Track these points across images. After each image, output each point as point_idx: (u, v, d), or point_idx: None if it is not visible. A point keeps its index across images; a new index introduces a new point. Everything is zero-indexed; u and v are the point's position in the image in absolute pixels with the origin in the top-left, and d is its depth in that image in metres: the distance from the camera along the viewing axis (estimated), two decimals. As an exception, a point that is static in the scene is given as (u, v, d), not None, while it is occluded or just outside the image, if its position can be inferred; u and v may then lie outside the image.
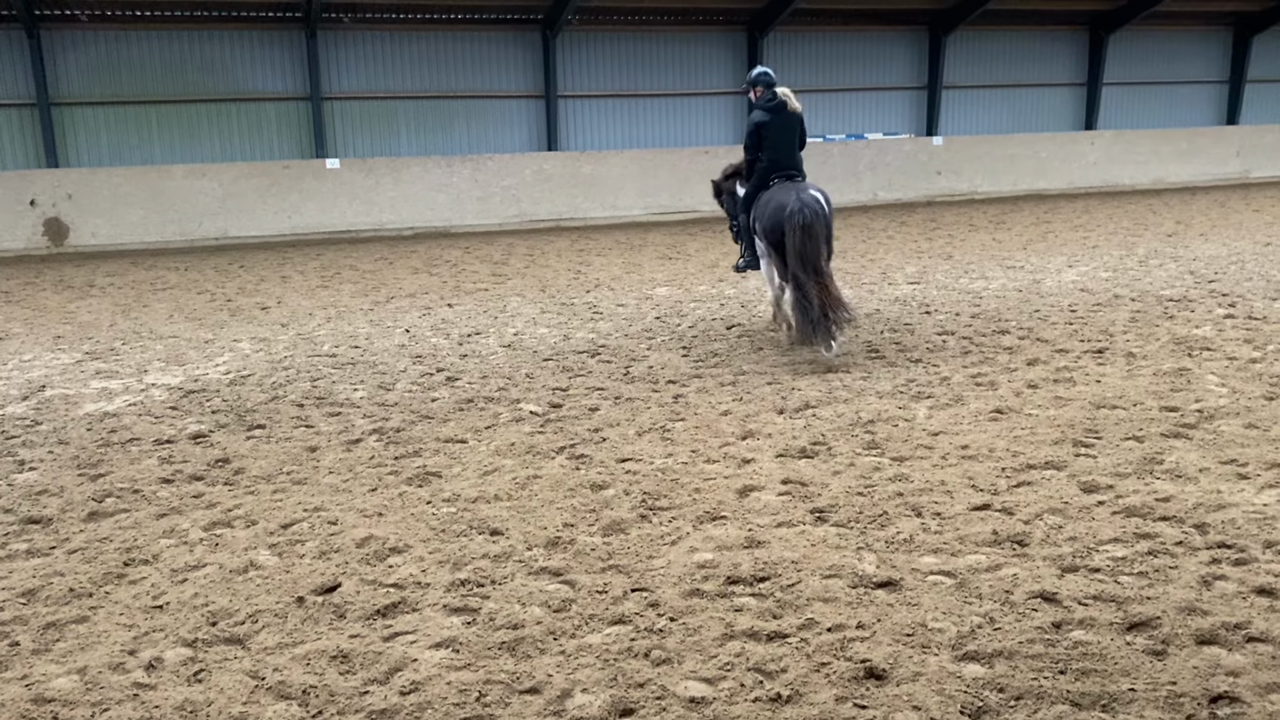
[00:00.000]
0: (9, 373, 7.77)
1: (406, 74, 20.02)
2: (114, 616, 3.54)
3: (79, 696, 3.01)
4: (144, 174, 17.87)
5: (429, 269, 13.57)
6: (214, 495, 4.82)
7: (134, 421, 6.23)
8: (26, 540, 4.31)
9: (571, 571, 3.79)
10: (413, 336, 8.80)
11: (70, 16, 17.35)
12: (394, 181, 19.03)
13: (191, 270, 13.96)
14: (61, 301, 11.42)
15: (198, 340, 8.87)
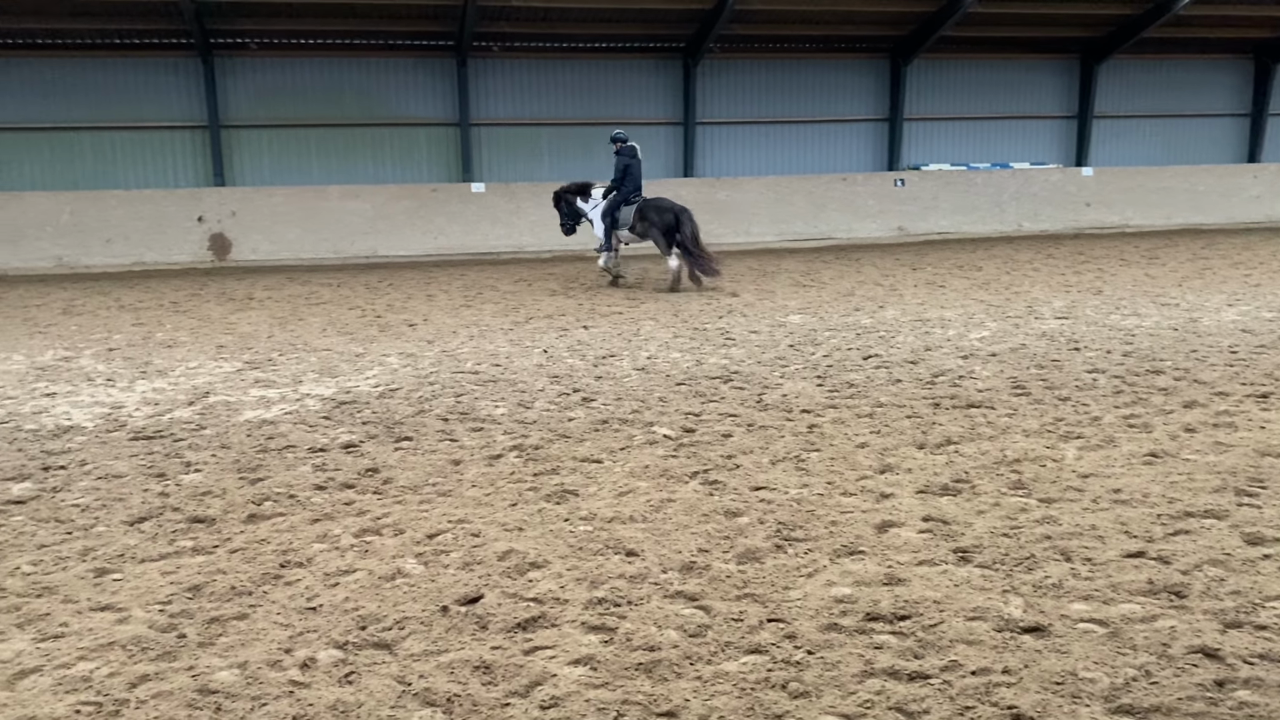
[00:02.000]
0: (177, 378, 8.27)
1: (550, 101, 20.51)
2: (271, 615, 3.72)
3: (240, 690, 3.17)
4: (301, 194, 18.81)
5: (565, 291, 13.83)
6: (364, 503, 5.02)
7: (290, 429, 6.54)
8: (192, 538, 4.58)
9: (707, 597, 3.79)
10: (550, 357, 8.98)
11: (241, 45, 18.44)
12: (535, 205, 19.47)
13: (343, 286, 14.60)
14: (224, 313, 12.11)
15: (349, 354, 9.26)
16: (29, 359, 9.26)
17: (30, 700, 3.13)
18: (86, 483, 5.45)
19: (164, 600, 3.86)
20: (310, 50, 18.91)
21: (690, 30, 20.19)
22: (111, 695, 3.14)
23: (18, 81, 18.05)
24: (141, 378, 8.31)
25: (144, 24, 17.62)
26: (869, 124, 22.35)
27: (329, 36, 18.72)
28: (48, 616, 3.75)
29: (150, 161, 18.78)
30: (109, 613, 3.76)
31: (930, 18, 20.19)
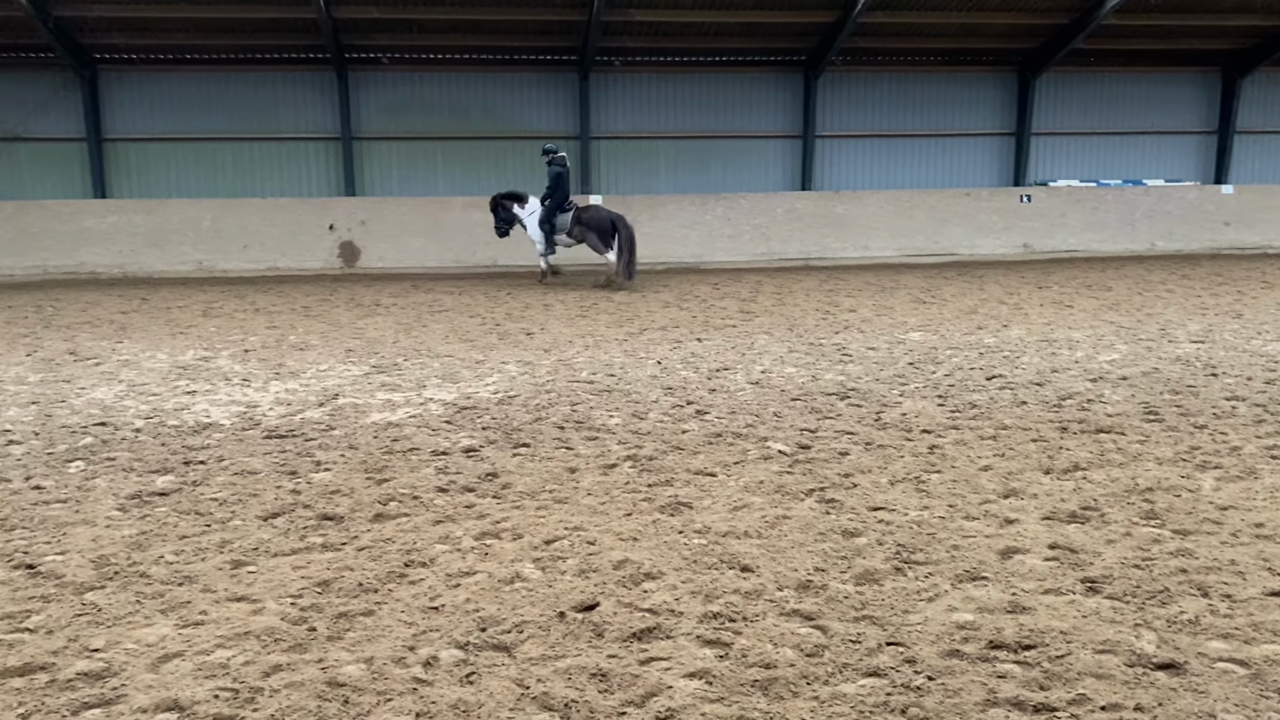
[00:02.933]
0: (308, 380, 8.61)
1: (668, 114, 20.64)
2: (396, 613, 3.83)
3: (366, 684, 3.28)
4: (426, 205, 19.37)
5: (679, 303, 13.87)
6: (484, 507, 5.14)
7: (414, 432, 6.74)
8: (322, 535, 4.75)
9: (824, 617, 3.75)
10: (664, 368, 9.02)
11: (374, 60, 19.13)
12: (650, 218, 19.61)
13: (464, 295, 14.96)
14: (352, 318, 12.54)
15: (470, 360, 9.49)
16: (171, 358, 9.77)
17: (173, 683, 3.29)
18: (224, 478, 5.72)
19: (295, 594, 4.02)
20: (439, 65, 19.49)
21: (811, 43, 20.07)
22: (247, 683, 3.29)
23: (167, 94, 19.10)
24: (275, 379, 8.68)
25: (284, 40, 18.43)
26: (994, 138, 21.82)
27: (457, 52, 19.26)
28: (189, 604, 3.94)
29: (286, 171, 19.61)
30: (244, 603, 3.94)
31: (1062, 30, 19.62)
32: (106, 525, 4.91)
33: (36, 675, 3.37)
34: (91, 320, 12.49)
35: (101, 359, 9.72)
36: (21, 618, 3.83)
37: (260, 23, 17.78)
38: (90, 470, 5.90)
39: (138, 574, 4.26)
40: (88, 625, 3.76)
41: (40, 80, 18.68)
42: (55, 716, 3.11)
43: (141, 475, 5.77)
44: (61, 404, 7.72)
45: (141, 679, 3.32)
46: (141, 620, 3.79)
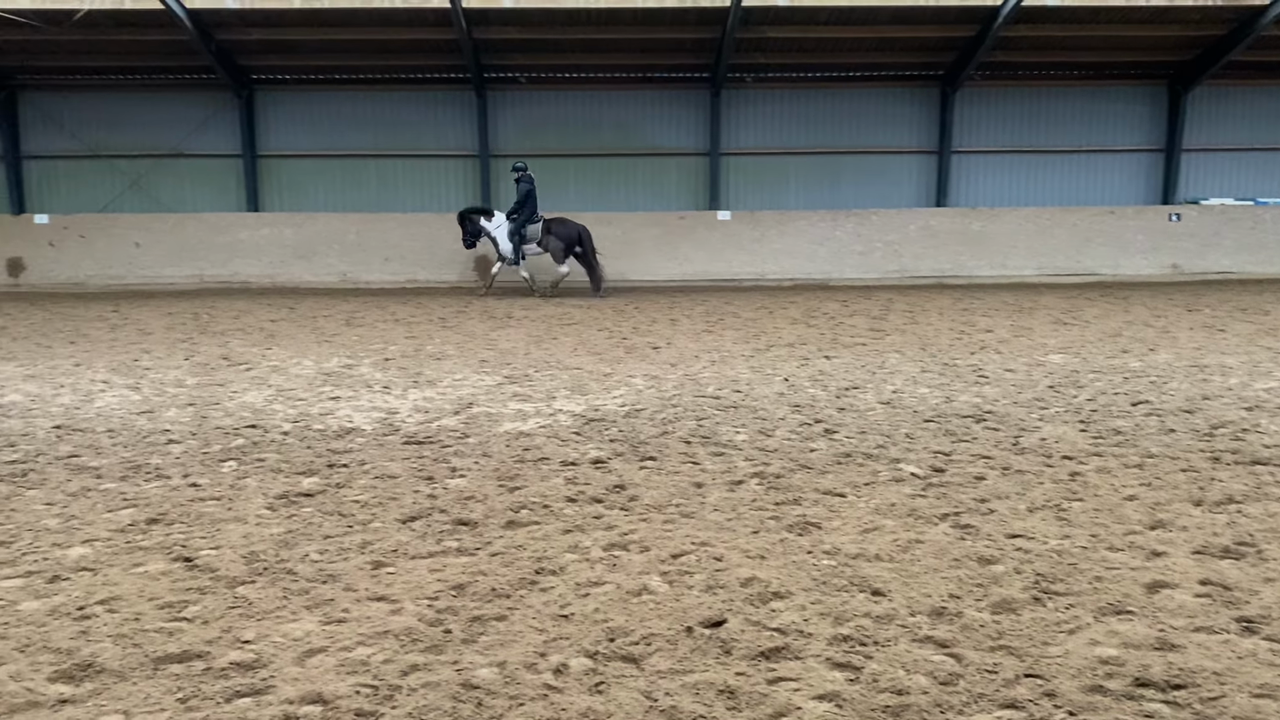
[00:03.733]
0: (444, 389, 8.87)
1: (800, 130, 20.52)
2: (527, 619, 3.91)
3: (499, 688, 3.35)
4: (556, 219, 19.72)
5: (807, 320, 13.75)
6: (612, 518, 5.19)
7: (544, 442, 6.87)
8: (457, 539, 4.89)
9: (959, 645, 3.66)
10: (791, 385, 8.95)
11: (511, 79, 19.63)
12: (779, 234, 19.52)
13: (592, 309, 15.17)
14: (485, 330, 12.87)
15: (598, 373, 9.61)
16: (317, 365, 10.21)
17: (317, 677, 3.44)
18: (365, 481, 5.94)
19: (432, 596, 4.14)
20: (573, 84, 19.87)
21: (949, 58, 19.67)
22: (386, 680, 3.40)
23: (317, 113, 20.01)
24: (413, 387, 8.97)
25: (427, 61, 19.11)
26: (1140, 154, 20.93)
27: (591, 71, 19.60)
28: (332, 602, 4.11)
29: (425, 187, 20.30)
30: (384, 603, 4.08)
31: (1218, 42, 18.71)
32: (256, 523, 5.16)
33: (193, 663, 3.57)
34: (243, 327, 13.16)
35: (252, 364, 10.24)
36: (180, 608, 4.06)
37: (405, 44, 18.48)
38: (242, 470, 6.22)
39: (285, 570, 4.46)
40: (239, 618, 3.95)
41: (201, 100, 19.84)
42: (210, 703, 3.28)
43: (289, 476, 6.05)
44: (216, 406, 8.16)
45: (289, 671, 3.48)
46: (289, 615, 3.97)
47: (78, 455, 6.58)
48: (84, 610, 4.04)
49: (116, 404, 8.27)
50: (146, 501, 5.55)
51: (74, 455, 6.59)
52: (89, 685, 3.41)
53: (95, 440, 7.01)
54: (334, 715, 3.19)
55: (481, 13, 17.42)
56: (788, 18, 17.95)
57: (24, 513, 5.36)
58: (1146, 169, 20.93)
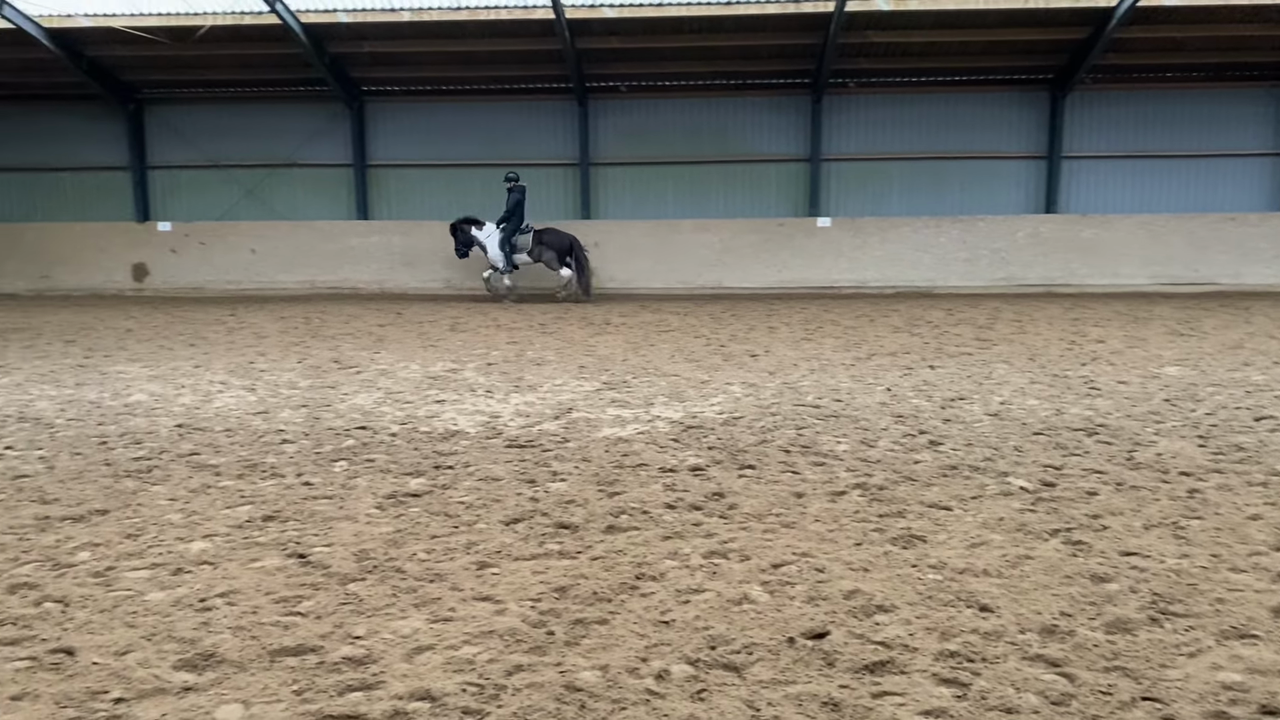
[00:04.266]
0: (545, 394, 8.99)
1: (903, 135, 20.21)
2: (629, 624, 3.93)
3: (601, 691, 3.38)
4: (656, 227, 19.82)
5: (910, 328, 13.52)
6: (711, 526, 5.19)
7: (642, 448, 6.90)
8: (558, 542, 4.94)
9: (1071, 665, 3.55)
10: (894, 395, 8.81)
11: (613, 88, 19.80)
12: (880, 240, 19.25)
13: (690, 316, 15.19)
14: (584, 336, 13.00)
15: (695, 380, 9.62)
16: (423, 368, 10.45)
17: (425, 674, 3.52)
18: (469, 483, 6.06)
19: (535, 597, 4.20)
20: (673, 92, 19.94)
21: (1059, 61, 19.14)
22: (491, 680, 3.46)
23: (424, 124, 20.50)
24: (515, 391, 9.12)
25: (530, 71, 19.41)
26: (1265, 159, 19.99)
27: (691, 79, 19.64)
28: (439, 601, 4.20)
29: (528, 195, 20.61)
30: (489, 603, 4.15)
31: (1351, 37, 17.78)
32: (366, 522, 5.31)
33: (307, 656, 3.69)
34: (353, 332, 13.55)
35: (362, 368, 10.53)
36: (295, 602, 4.20)
37: (509, 55, 18.81)
38: (352, 470, 6.40)
39: (394, 569, 4.58)
40: (350, 614, 4.07)
41: (315, 112, 20.51)
42: (324, 695, 3.38)
43: (397, 477, 6.21)
44: (327, 408, 8.42)
45: (398, 668, 3.57)
46: (397, 613, 4.07)
47: (198, 453, 6.87)
48: (205, 602, 4.21)
49: (234, 404, 8.61)
50: (263, 499, 5.76)
51: (195, 453, 6.88)
52: (210, 674, 3.55)
53: (214, 439, 7.30)
54: (441, 712, 3.26)
55: (585, 23, 17.62)
56: (892, 22, 17.70)
57: (150, 507, 5.62)
58: (1271, 174, 19.99)
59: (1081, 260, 19.55)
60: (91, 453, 6.92)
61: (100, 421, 7.93)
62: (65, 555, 4.83)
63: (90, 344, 12.57)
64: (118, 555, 4.82)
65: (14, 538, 5.10)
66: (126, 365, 10.85)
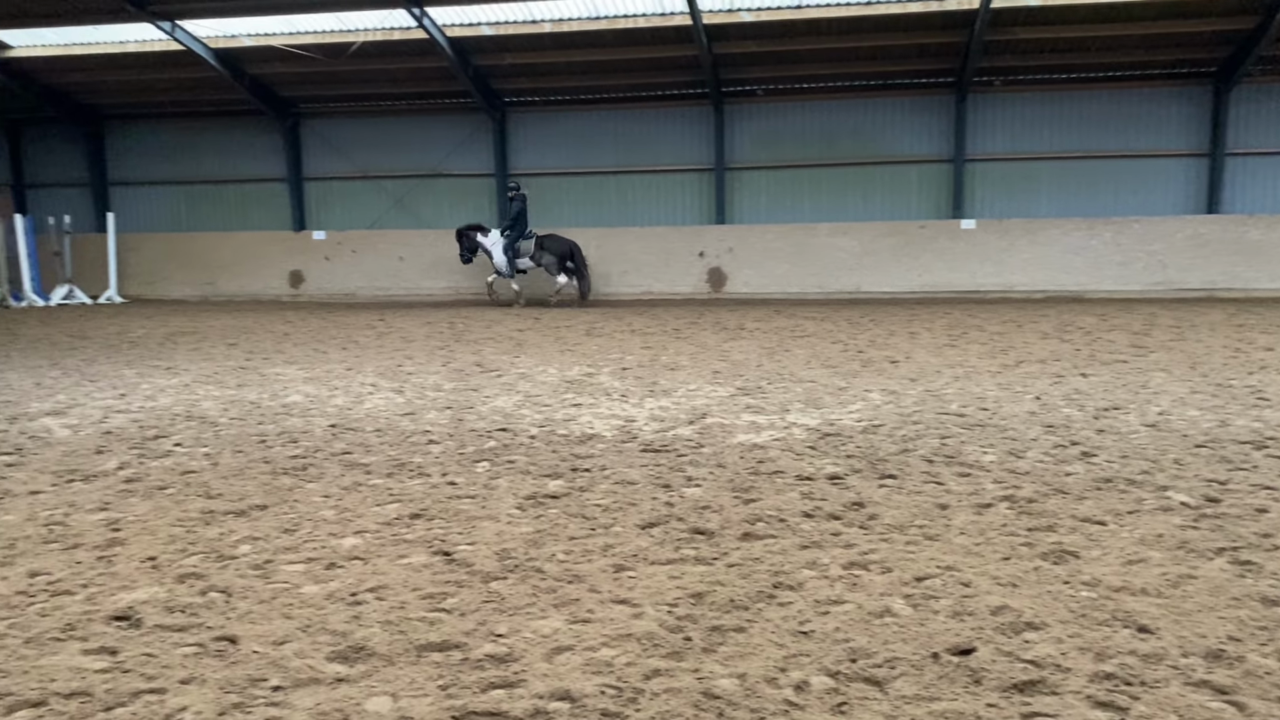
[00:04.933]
0: (679, 398, 9.01)
1: (1051, 134, 19.47)
2: (766, 633, 3.89)
3: (739, 700, 3.35)
4: (792, 231, 19.64)
5: (1060, 334, 12.99)
6: (850, 536, 5.09)
7: (778, 455, 6.83)
8: (694, 548, 4.94)
9: (1240, 692, 3.33)
10: (1043, 404, 8.47)
11: (748, 92, 19.74)
12: (1028, 243, 18.57)
13: (827, 320, 14.97)
14: (718, 340, 12.98)
15: (832, 387, 9.47)
16: (560, 372, 10.63)
17: (565, 675, 3.56)
18: (605, 486, 6.12)
19: (671, 602, 4.21)
20: (810, 95, 19.74)
21: (1223, 53, 18.08)
22: (630, 683, 3.48)
23: (563, 132, 20.88)
24: (649, 396, 9.17)
25: (666, 78, 19.53)
26: None
27: (829, 80, 19.40)
28: (577, 602, 4.25)
29: (662, 201, 20.74)
30: (626, 606, 4.18)
31: None
32: (508, 521, 5.43)
33: (452, 653, 3.79)
34: (494, 336, 13.89)
35: (502, 371, 10.78)
36: (440, 599, 4.32)
37: (646, 63, 18.98)
38: (494, 470, 6.56)
39: (534, 569, 4.66)
40: (493, 612, 4.16)
41: (459, 123, 21.15)
42: (467, 692, 3.46)
43: (536, 478, 6.32)
44: (470, 410, 8.65)
45: (538, 667, 3.62)
46: (538, 612, 4.14)
47: (350, 452, 7.16)
48: (356, 596, 4.38)
49: (383, 405, 8.94)
50: (410, 497, 5.95)
51: (347, 452, 7.16)
52: (361, 667, 3.69)
53: (365, 439, 7.59)
54: (581, 713, 3.29)
55: (721, 28, 17.62)
56: (1041, 18, 17.06)
57: (305, 504, 5.88)
58: None
59: (1246, 263, 18.40)
60: (252, 450, 7.29)
61: (260, 421, 8.36)
62: (228, 548, 5.10)
63: (250, 347, 13.26)
64: (276, 549, 5.06)
65: (182, 530, 5.42)
66: (284, 367, 11.40)
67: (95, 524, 5.54)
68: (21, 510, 5.84)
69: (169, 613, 4.23)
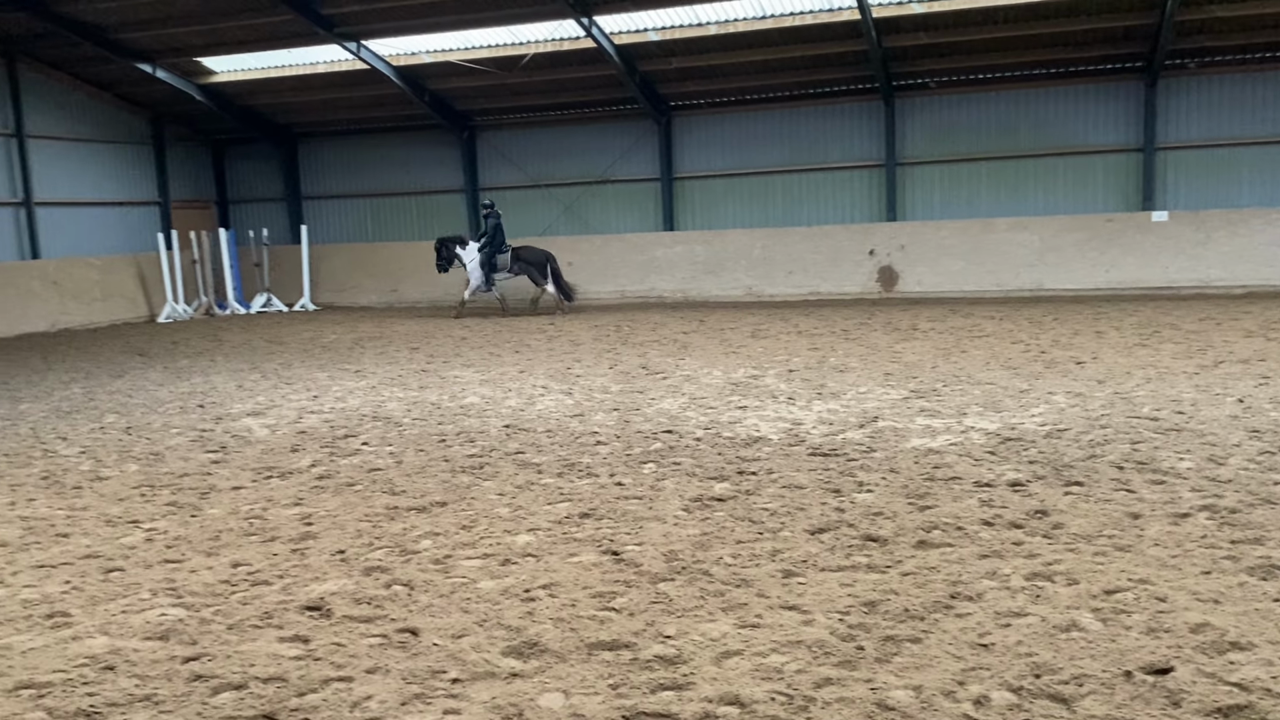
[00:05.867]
0: (848, 401, 8.83)
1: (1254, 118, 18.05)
2: (943, 644, 3.76)
3: (914, 712, 3.25)
4: (967, 227, 18.95)
5: (1265, 332, 12.04)
6: (1033, 546, 4.86)
7: (955, 461, 6.60)
8: (866, 555, 4.83)
9: None
10: (1247, 408, 7.87)
11: (920, 85, 19.18)
12: (1228, 235, 17.32)
13: (1006, 320, 14.37)
14: (890, 342, 12.65)
15: (1013, 389, 9.08)
16: (725, 375, 10.60)
17: (734, 679, 3.54)
18: (773, 490, 6.06)
19: (843, 610, 4.12)
20: (986, 85, 18.99)
21: None
22: (800, 691, 3.43)
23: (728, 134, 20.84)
24: (817, 398, 9.03)
25: (834, 74, 19.20)
26: None
27: (1005, 70, 18.63)
28: (745, 606, 4.22)
29: (829, 200, 20.38)
30: (795, 613, 4.12)
31: None
32: (674, 523, 5.45)
33: (621, 652, 3.83)
34: (659, 339, 14.00)
35: (667, 374, 10.85)
36: (609, 598, 4.38)
37: (813, 60, 18.70)
38: (660, 472, 6.60)
39: (701, 571, 4.66)
40: (661, 613, 4.18)
41: (625, 129, 21.43)
42: (637, 691, 3.49)
43: (702, 481, 6.33)
44: (636, 412, 8.74)
45: (707, 671, 3.62)
46: (706, 615, 4.13)
47: (523, 452, 7.35)
48: (529, 593, 4.49)
49: (553, 407, 9.15)
50: (579, 497, 6.07)
51: (520, 452, 7.37)
52: (534, 662, 3.77)
53: (537, 439, 7.79)
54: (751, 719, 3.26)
55: (892, 21, 17.18)
56: (1241, -8, 15.85)
57: (481, 501, 6.08)
58: None
59: None
60: (432, 449, 7.60)
61: (440, 421, 8.70)
62: (410, 543, 5.32)
63: (431, 351, 13.83)
64: (454, 544, 5.25)
65: (369, 525, 5.69)
66: (461, 370, 11.83)
67: (290, 518, 5.90)
68: (225, 504, 6.27)
69: (356, 604, 4.45)
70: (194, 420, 9.18)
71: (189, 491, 6.60)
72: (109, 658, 3.95)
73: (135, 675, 3.78)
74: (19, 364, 13.95)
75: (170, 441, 8.26)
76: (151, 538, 5.60)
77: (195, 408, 9.85)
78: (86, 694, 3.64)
